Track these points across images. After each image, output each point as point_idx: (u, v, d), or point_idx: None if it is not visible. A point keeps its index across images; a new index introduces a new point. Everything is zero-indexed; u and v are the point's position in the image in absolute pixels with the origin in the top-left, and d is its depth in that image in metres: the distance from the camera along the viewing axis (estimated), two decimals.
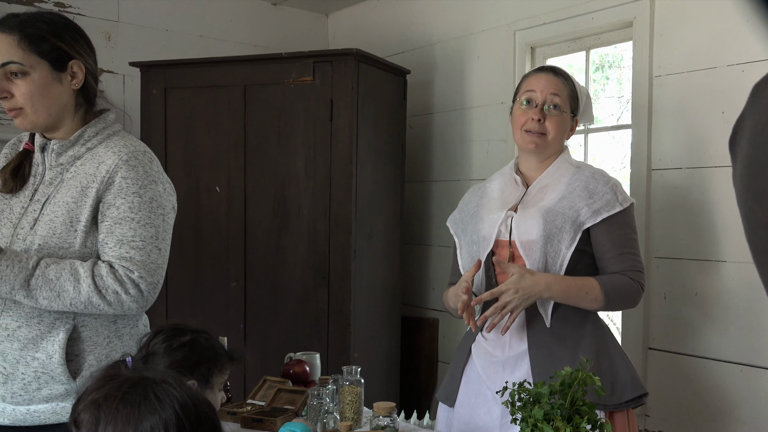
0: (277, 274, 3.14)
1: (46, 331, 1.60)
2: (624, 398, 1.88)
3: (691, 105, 2.53)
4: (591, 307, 1.90)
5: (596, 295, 1.87)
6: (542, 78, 2.03)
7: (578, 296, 1.87)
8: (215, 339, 1.66)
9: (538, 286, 1.84)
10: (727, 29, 2.41)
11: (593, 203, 1.92)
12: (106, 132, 1.74)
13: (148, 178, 1.68)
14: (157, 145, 3.26)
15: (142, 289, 1.62)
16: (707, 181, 2.48)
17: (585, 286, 1.87)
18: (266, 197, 3.14)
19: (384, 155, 3.28)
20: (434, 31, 3.60)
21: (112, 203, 1.63)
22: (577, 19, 2.88)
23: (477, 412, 1.98)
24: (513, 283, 1.82)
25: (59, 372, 1.59)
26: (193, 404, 1.02)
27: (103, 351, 1.65)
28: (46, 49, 1.62)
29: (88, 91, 1.72)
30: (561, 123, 2.01)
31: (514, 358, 1.93)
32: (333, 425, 1.87)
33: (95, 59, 1.76)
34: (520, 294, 1.82)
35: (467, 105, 3.43)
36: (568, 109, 2.03)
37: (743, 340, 2.39)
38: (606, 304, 1.89)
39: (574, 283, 1.87)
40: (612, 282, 1.90)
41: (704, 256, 2.49)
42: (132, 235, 1.63)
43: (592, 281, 1.88)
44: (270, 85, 3.12)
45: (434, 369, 3.59)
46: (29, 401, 1.61)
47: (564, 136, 2.04)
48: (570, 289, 1.86)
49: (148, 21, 3.67)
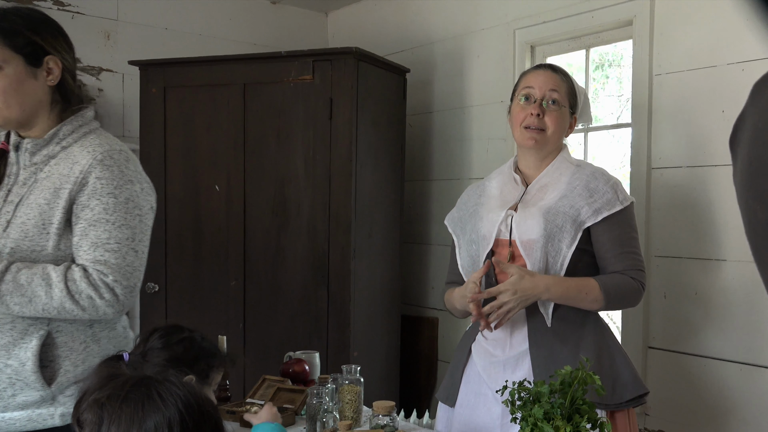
0: (276, 273, 3.13)
1: (19, 337, 1.56)
2: (625, 398, 1.88)
3: (691, 104, 2.52)
4: (591, 307, 1.90)
5: (596, 295, 1.87)
6: (540, 74, 2.03)
7: (578, 297, 1.87)
8: (210, 339, 1.67)
9: (537, 288, 1.83)
10: (727, 28, 2.40)
11: (594, 202, 1.91)
12: (83, 130, 1.68)
13: (124, 178, 1.63)
14: (157, 144, 3.26)
15: (117, 293, 1.57)
16: (707, 179, 2.47)
17: (584, 288, 1.87)
18: (266, 196, 3.14)
19: (384, 154, 3.28)
20: (434, 30, 3.60)
21: (86, 204, 1.59)
22: (577, 17, 2.88)
23: (477, 412, 1.97)
24: (512, 284, 1.82)
25: (33, 379, 1.55)
26: (196, 402, 1.02)
27: (79, 356, 1.61)
28: (20, 43, 1.58)
29: (64, 87, 1.67)
30: (560, 118, 2.00)
31: (514, 358, 1.93)
32: (332, 424, 1.87)
33: (74, 56, 1.71)
34: (519, 295, 1.82)
35: (467, 104, 3.42)
36: (567, 104, 2.02)
37: (743, 339, 2.38)
38: (606, 304, 1.89)
39: (573, 285, 1.87)
40: (612, 282, 1.89)
41: (704, 255, 2.48)
42: (107, 237, 1.58)
43: (592, 282, 1.88)
44: (269, 84, 3.12)
45: (434, 368, 3.59)
46: (4, 408, 1.56)
47: (563, 132, 2.03)
48: (569, 290, 1.86)
49: (147, 19, 3.67)
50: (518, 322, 1.95)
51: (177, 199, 3.25)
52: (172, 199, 3.25)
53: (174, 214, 3.25)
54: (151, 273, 3.28)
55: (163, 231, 3.24)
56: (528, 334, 1.93)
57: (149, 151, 3.27)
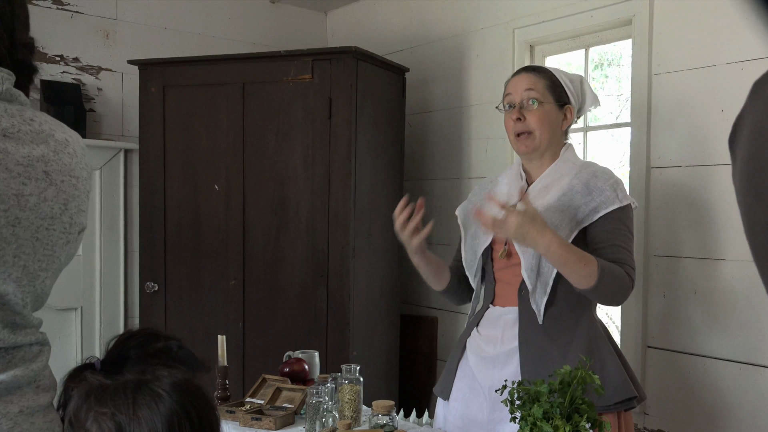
0: (275, 272, 3.13)
1: None
2: (612, 400, 1.86)
3: (690, 103, 2.52)
4: (581, 282, 1.80)
5: (591, 270, 1.77)
6: (516, 79, 2.03)
7: (575, 265, 1.77)
8: (187, 347, 1.61)
9: (542, 234, 1.73)
10: (726, 27, 2.40)
11: (591, 200, 1.90)
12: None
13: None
14: (156, 144, 3.26)
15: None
16: (706, 179, 2.47)
17: (583, 258, 1.79)
18: (265, 195, 3.14)
19: (383, 153, 3.28)
20: (433, 29, 3.60)
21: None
22: (576, 17, 2.88)
23: (471, 406, 1.98)
24: (522, 216, 1.71)
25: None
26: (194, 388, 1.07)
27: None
28: None
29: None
30: (544, 116, 1.97)
31: (504, 355, 1.93)
32: (332, 424, 1.87)
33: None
34: (524, 230, 1.72)
35: (466, 103, 3.43)
36: (550, 99, 1.98)
37: (742, 338, 2.38)
38: (597, 284, 1.79)
39: (575, 251, 1.78)
40: (609, 266, 1.83)
41: (703, 254, 2.49)
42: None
43: (593, 258, 1.81)
44: (269, 83, 3.12)
45: (433, 367, 3.59)
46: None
47: (553, 129, 1.99)
48: (569, 253, 1.76)
49: (146, 19, 3.67)
50: (511, 319, 1.95)
51: (176, 198, 3.25)
52: (170, 198, 3.24)
53: (173, 213, 3.25)
54: (150, 272, 3.28)
55: (163, 230, 3.24)
56: (519, 331, 1.93)
57: (148, 150, 3.27)
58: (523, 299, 1.93)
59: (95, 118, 3.52)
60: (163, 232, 3.24)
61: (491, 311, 2.02)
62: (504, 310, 1.99)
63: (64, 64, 3.40)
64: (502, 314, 1.98)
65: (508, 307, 1.98)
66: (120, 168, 3.54)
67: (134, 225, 3.52)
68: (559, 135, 2.03)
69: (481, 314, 2.06)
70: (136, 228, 3.46)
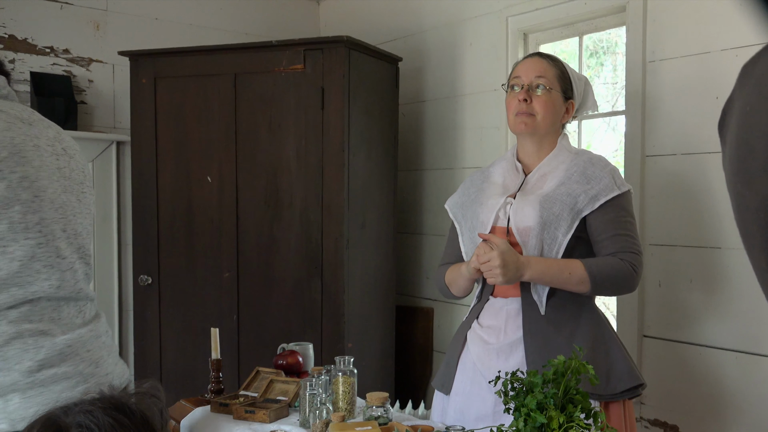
0: (269, 264, 3.12)
1: None
2: (619, 389, 1.87)
3: (684, 90, 2.51)
4: (579, 289, 1.86)
5: (581, 276, 1.83)
6: (527, 62, 2.05)
7: (561, 277, 1.84)
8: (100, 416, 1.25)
9: (520, 261, 1.83)
10: (720, 14, 2.39)
11: (590, 189, 1.90)
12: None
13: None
14: (148, 135, 3.23)
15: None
16: (701, 167, 2.46)
17: (567, 267, 1.84)
18: (258, 187, 3.12)
19: (376, 143, 3.26)
20: (426, 18, 3.57)
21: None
22: (570, 4, 2.86)
23: (472, 399, 1.97)
24: (499, 262, 1.81)
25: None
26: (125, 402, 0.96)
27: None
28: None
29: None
30: (549, 102, 1.99)
31: (508, 346, 1.92)
32: (326, 416, 1.86)
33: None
34: (509, 274, 1.82)
35: (460, 92, 3.40)
36: (558, 88, 2.01)
37: (739, 327, 2.38)
38: (594, 286, 1.84)
39: (554, 263, 1.84)
40: (598, 263, 1.86)
41: (699, 242, 2.48)
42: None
43: (576, 262, 1.85)
44: (260, 74, 3.09)
45: (429, 358, 3.59)
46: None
47: (555, 116, 2.02)
48: (551, 268, 1.84)
49: (137, 10, 3.64)
50: (513, 310, 1.94)
51: (168, 190, 3.23)
52: (163, 190, 3.22)
53: (166, 205, 3.23)
54: (143, 265, 3.26)
55: (155, 223, 3.22)
56: (522, 322, 1.92)
57: (140, 142, 3.24)
58: (526, 289, 1.93)
59: (86, 110, 3.50)
60: (156, 224, 3.22)
61: (492, 302, 2.01)
62: (505, 300, 1.98)
63: (54, 56, 3.37)
64: (504, 305, 1.98)
65: (510, 298, 1.97)
66: (112, 160, 3.52)
67: (127, 218, 3.50)
68: (558, 125, 2.05)
69: (481, 306, 2.04)
70: (129, 221, 3.44)
